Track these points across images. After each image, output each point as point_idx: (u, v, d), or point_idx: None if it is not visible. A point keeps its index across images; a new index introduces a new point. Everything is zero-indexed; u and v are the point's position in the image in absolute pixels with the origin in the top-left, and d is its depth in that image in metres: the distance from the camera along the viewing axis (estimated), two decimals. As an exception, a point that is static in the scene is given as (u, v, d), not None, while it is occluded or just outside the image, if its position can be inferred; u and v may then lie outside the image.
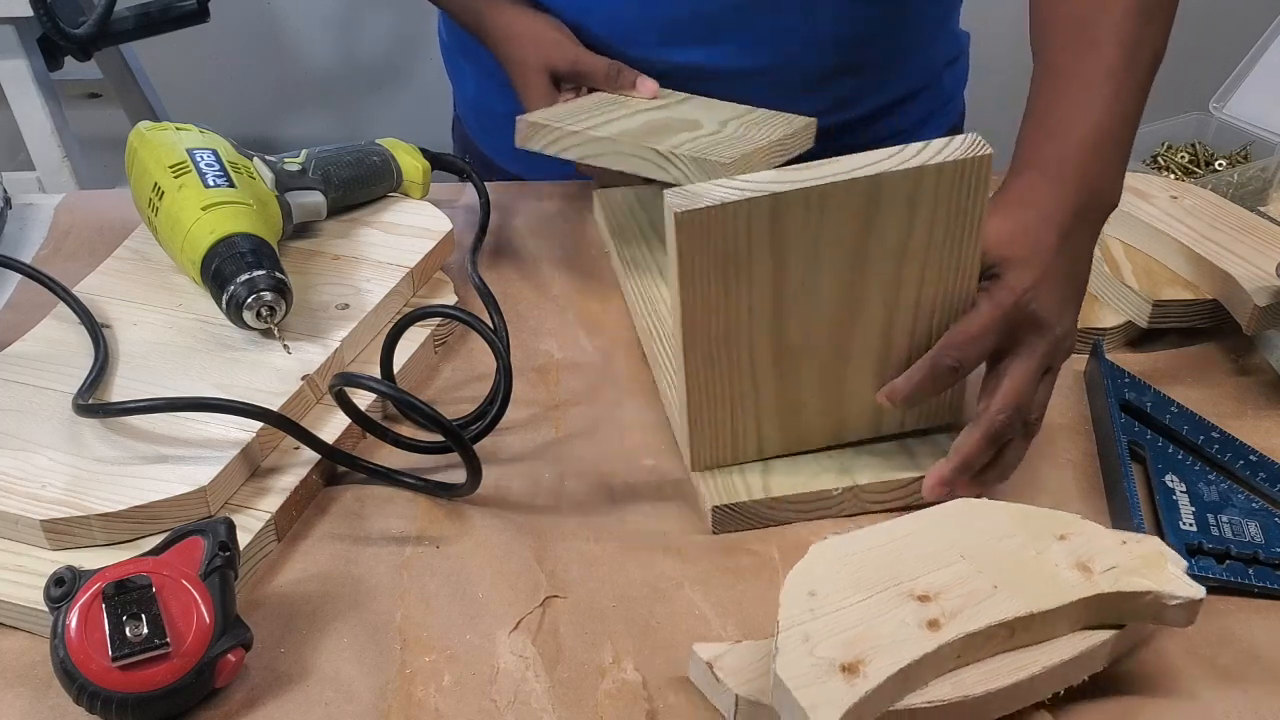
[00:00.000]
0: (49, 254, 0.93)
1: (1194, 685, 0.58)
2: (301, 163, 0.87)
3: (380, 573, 0.65)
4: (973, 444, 0.64)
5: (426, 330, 0.81)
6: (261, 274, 0.74)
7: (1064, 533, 0.58)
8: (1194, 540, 0.64)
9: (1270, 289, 0.76)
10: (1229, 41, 1.37)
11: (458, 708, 0.57)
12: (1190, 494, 0.67)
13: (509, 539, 0.67)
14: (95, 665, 0.54)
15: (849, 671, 0.51)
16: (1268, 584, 0.63)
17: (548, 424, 0.76)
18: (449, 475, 0.70)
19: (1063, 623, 0.55)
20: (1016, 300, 0.63)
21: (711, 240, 0.59)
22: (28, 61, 1.70)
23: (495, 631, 0.61)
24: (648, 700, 0.57)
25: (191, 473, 0.64)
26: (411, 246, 0.86)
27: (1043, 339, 0.64)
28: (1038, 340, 0.64)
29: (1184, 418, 0.73)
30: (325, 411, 0.73)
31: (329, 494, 0.70)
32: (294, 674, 0.59)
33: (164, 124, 0.85)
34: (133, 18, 1.71)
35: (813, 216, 0.60)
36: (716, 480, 0.68)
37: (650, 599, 0.63)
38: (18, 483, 0.64)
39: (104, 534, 0.63)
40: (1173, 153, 1.01)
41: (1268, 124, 1.00)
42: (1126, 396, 0.74)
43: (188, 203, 0.77)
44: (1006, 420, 0.63)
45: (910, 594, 0.55)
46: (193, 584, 0.56)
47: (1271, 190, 0.97)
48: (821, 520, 0.68)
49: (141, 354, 0.75)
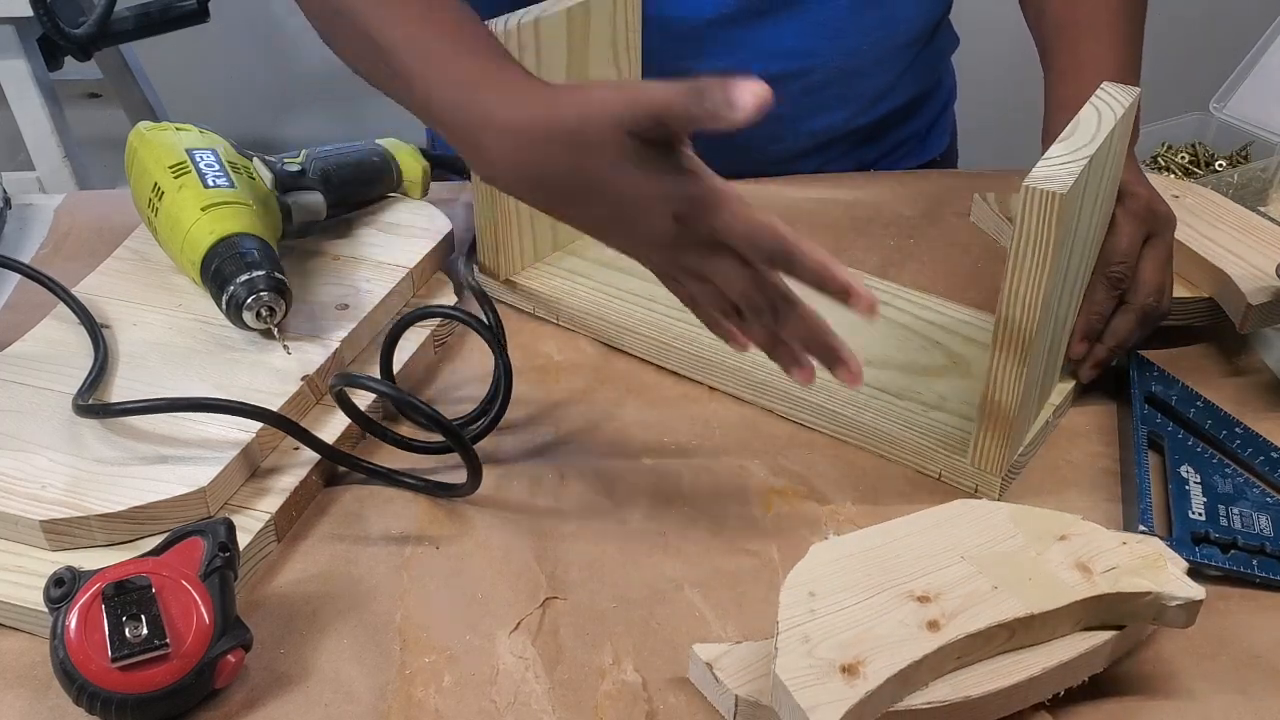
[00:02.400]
0: (49, 254, 0.93)
1: (1194, 685, 0.58)
2: (301, 163, 0.87)
3: (380, 573, 0.65)
4: (1129, 326, 0.73)
5: (426, 330, 0.81)
6: (261, 274, 0.74)
7: (1064, 533, 0.58)
8: (1200, 529, 0.65)
9: (1266, 288, 0.76)
10: (1229, 41, 1.37)
11: (458, 708, 0.57)
12: (1204, 485, 0.68)
13: (509, 539, 0.67)
14: (95, 666, 0.54)
15: (849, 672, 0.51)
16: (1270, 575, 0.63)
17: (548, 424, 0.76)
18: (449, 475, 0.70)
19: (1063, 623, 0.55)
20: (1147, 204, 0.73)
21: (1064, 221, 0.60)
22: (28, 61, 1.70)
23: (495, 632, 0.61)
24: (648, 701, 0.57)
25: (191, 473, 0.64)
26: (411, 246, 0.86)
27: (1168, 228, 0.74)
28: (1165, 230, 0.74)
29: (1208, 412, 0.74)
30: (325, 412, 0.73)
31: (329, 494, 0.70)
32: (294, 674, 0.59)
33: (164, 124, 0.85)
34: (133, 18, 1.71)
35: (1090, 190, 0.63)
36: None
37: (650, 600, 0.63)
38: (18, 483, 0.64)
39: (104, 534, 0.63)
40: (1173, 153, 1.01)
41: (1268, 124, 1.00)
42: (1153, 389, 0.75)
43: (187, 203, 0.77)
44: (1156, 303, 0.74)
45: (910, 595, 0.55)
46: (193, 584, 0.56)
47: (1271, 190, 0.97)
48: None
49: (141, 354, 0.75)
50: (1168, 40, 2.38)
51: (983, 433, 0.68)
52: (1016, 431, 0.68)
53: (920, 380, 0.76)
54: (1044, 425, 0.73)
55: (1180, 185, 0.89)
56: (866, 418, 0.73)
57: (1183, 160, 1.00)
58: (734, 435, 0.75)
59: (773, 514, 0.69)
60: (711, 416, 0.76)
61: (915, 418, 0.73)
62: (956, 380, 0.76)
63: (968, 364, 0.77)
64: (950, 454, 0.70)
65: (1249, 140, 1.00)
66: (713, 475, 0.71)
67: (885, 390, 0.75)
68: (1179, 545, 0.63)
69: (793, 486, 0.70)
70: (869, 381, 0.74)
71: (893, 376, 0.76)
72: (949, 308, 0.83)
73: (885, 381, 0.75)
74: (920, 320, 0.81)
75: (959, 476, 0.70)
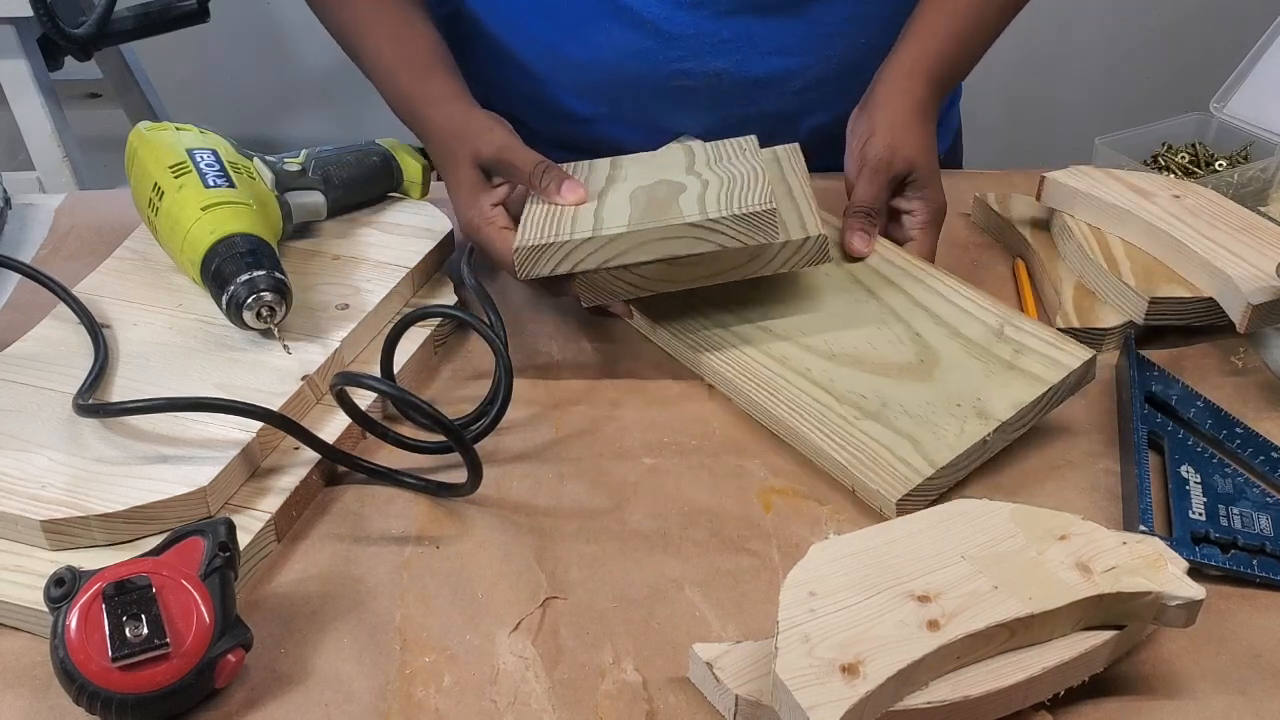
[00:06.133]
0: (49, 254, 0.93)
1: (1194, 685, 0.58)
2: (301, 163, 0.87)
3: (380, 573, 0.65)
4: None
5: (426, 330, 0.81)
6: (261, 274, 0.74)
7: (1064, 533, 0.58)
8: (1201, 529, 0.65)
9: (1266, 288, 0.76)
10: (1229, 41, 1.38)
11: (458, 708, 0.57)
12: (1204, 485, 0.68)
13: (509, 539, 0.67)
14: (95, 666, 0.54)
15: (849, 672, 0.51)
16: (1270, 575, 0.63)
17: (548, 424, 0.76)
18: (449, 475, 0.70)
19: (1063, 623, 0.55)
20: (945, 210, 0.85)
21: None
22: (28, 61, 1.71)
23: (495, 632, 0.61)
24: (648, 701, 0.57)
25: (191, 473, 0.64)
26: (411, 246, 0.86)
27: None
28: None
29: (1209, 412, 0.74)
30: (325, 412, 0.73)
31: (329, 494, 0.70)
32: (294, 674, 0.59)
33: (164, 124, 0.85)
34: (133, 18, 1.71)
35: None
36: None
37: (650, 599, 0.63)
38: (18, 483, 0.64)
39: (104, 534, 0.63)
40: (1173, 153, 1.01)
41: (1268, 124, 0.99)
42: (1153, 389, 0.75)
43: (188, 203, 0.77)
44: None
45: (910, 594, 0.55)
46: (193, 584, 0.56)
47: (1271, 190, 0.97)
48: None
49: (141, 354, 0.75)
50: (1168, 40, 2.39)
51: (888, 451, 0.68)
52: (921, 456, 0.67)
53: (873, 381, 0.73)
54: (977, 444, 0.68)
55: (1180, 185, 0.89)
56: (794, 421, 0.72)
57: (1183, 160, 1.00)
58: (734, 435, 0.75)
59: (773, 514, 0.69)
60: (711, 416, 0.76)
61: (841, 426, 0.70)
62: (910, 384, 0.72)
63: (935, 361, 0.74)
64: (861, 470, 0.68)
65: (1249, 140, 1.00)
66: (713, 475, 0.71)
67: (829, 391, 0.73)
68: (1179, 545, 0.63)
69: (793, 486, 0.70)
70: (819, 377, 0.74)
71: (849, 375, 0.74)
72: (953, 287, 0.79)
73: (838, 380, 0.73)
74: (915, 305, 0.78)
75: (868, 495, 0.68)
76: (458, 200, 0.83)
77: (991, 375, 0.72)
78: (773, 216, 0.71)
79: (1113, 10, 2.30)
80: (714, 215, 0.71)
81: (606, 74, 0.94)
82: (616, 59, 0.93)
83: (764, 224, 0.71)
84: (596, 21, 0.92)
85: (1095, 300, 0.84)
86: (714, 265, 0.75)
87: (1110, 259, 0.84)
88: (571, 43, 0.94)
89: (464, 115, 0.84)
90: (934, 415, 0.70)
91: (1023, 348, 0.73)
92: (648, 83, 0.94)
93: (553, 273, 0.73)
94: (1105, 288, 0.83)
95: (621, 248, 0.72)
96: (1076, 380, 0.72)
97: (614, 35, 0.92)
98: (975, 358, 0.73)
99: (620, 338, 0.84)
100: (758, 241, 0.72)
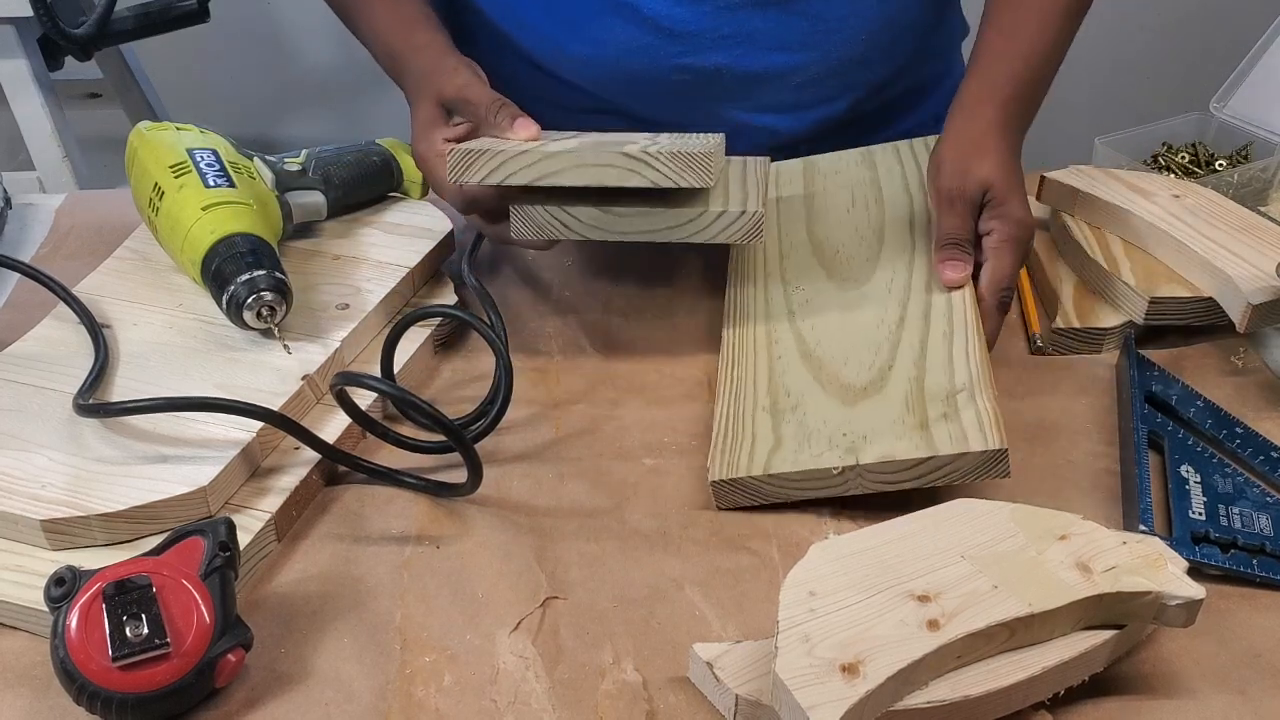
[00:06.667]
0: (49, 254, 0.93)
1: (1194, 685, 0.58)
2: (301, 163, 0.87)
3: (380, 573, 0.65)
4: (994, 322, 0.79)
5: (426, 330, 0.81)
6: (262, 274, 0.74)
7: (1064, 533, 0.58)
8: (1200, 529, 0.65)
9: (1266, 288, 0.76)
10: (1229, 41, 1.37)
11: (458, 708, 0.57)
12: (1204, 485, 0.68)
13: (509, 539, 0.67)
14: (95, 665, 0.54)
15: (849, 672, 0.51)
16: (1270, 574, 0.63)
17: (548, 424, 0.76)
18: (449, 475, 0.70)
19: (1063, 623, 0.55)
20: (1029, 227, 0.80)
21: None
22: (28, 61, 1.70)
23: (495, 631, 0.61)
24: (648, 700, 0.57)
25: (191, 473, 0.64)
26: (411, 246, 0.86)
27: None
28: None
29: (1208, 412, 0.74)
30: (325, 411, 0.73)
31: (329, 494, 0.70)
32: (294, 674, 0.59)
33: (164, 124, 0.85)
34: (133, 18, 1.71)
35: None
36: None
37: (650, 599, 0.63)
38: (18, 483, 0.64)
39: (104, 534, 0.63)
40: (1173, 153, 1.01)
41: (1268, 124, 0.99)
42: (1153, 389, 0.75)
43: (188, 203, 0.77)
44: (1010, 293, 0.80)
45: (910, 594, 0.55)
46: (193, 584, 0.56)
47: (1271, 190, 0.97)
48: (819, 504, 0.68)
49: (141, 354, 0.75)
50: (1168, 40, 2.39)
51: (750, 441, 0.69)
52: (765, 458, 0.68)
53: (810, 386, 0.72)
54: (820, 470, 0.66)
55: (1180, 185, 0.89)
56: (723, 375, 0.75)
57: (1183, 160, 1.00)
58: (734, 435, 0.74)
59: (772, 514, 0.68)
60: (711, 416, 0.76)
61: (744, 403, 0.72)
62: (832, 403, 0.71)
63: (875, 394, 0.71)
64: (719, 441, 0.71)
65: (1249, 140, 1.00)
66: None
67: (770, 374, 0.74)
68: (1179, 545, 0.63)
69: (793, 486, 0.70)
70: (777, 359, 0.75)
71: (797, 371, 0.74)
72: (964, 339, 0.74)
73: (788, 371, 0.74)
74: (916, 344, 0.74)
75: (710, 469, 0.69)
76: (415, 134, 0.85)
77: (899, 423, 0.68)
78: (709, 161, 0.71)
79: (1113, 10, 2.30)
80: (651, 150, 0.71)
81: (608, 69, 0.94)
82: (618, 54, 0.93)
83: (699, 166, 0.71)
84: (598, 17, 0.92)
85: (1095, 300, 0.84)
86: (649, 221, 0.74)
87: (1110, 259, 0.84)
88: (573, 38, 0.94)
89: (437, 58, 0.86)
90: (820, 433, 0.68)
91: (953, 415, 0.67)
92: (649, 78, 0.94)
93: (483, 182, 0.73)
94: (1105, 287, 0.83)
95: (555, 166, 0.72)
96: (972, 466, 0.65)
97: (615, 31, 0.92)
98: (904, 403, 0.69)
99: (620, 338, 0.84)
100: (690, 184, 0.71)
